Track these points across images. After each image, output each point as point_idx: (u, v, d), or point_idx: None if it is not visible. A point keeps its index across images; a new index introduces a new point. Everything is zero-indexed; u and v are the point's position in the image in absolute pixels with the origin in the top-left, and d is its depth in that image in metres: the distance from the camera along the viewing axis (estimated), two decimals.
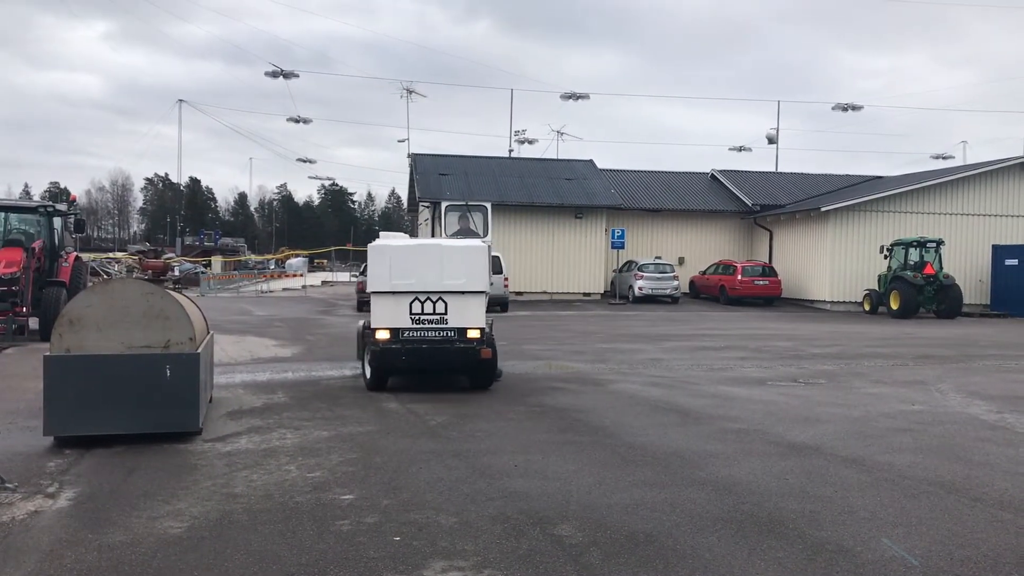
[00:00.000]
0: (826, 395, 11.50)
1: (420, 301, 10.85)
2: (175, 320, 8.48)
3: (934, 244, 29.13)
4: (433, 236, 28.95)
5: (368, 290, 11.10)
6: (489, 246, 11.54)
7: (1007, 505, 6.27)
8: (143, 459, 7.57)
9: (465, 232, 12.47)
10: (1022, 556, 5.18)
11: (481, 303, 11.04)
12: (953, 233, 31.72)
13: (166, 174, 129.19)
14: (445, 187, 34.37)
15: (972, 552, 5.24)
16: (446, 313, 10.87)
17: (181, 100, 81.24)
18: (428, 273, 10.85)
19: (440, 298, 10.85)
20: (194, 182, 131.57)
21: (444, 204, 13.37)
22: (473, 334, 10.95)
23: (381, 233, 12.94)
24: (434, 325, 10.87)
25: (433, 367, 11.32)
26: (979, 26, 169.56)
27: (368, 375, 11.42)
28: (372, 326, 10.98)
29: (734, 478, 7.01)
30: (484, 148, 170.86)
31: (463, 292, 10.90)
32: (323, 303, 34.08)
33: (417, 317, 10.85)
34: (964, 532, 5.63)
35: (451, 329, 10.90)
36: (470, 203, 13.35)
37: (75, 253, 20.63)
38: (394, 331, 10.86)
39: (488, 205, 13.01)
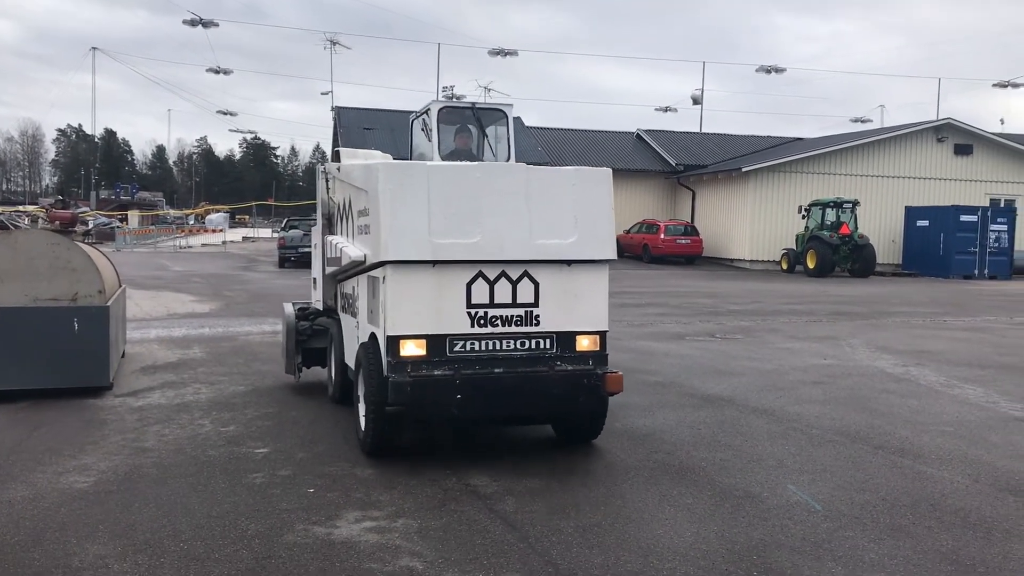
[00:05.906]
0: (741, 350, 11.77)
1: (487, 280, 5.82)
2: (83, 272, 8.21)
3: (850, 205, 29.90)
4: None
5: (377, 257, 5.86)
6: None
7: (906, 452, 6.53)
8: (50, 415, 7.36)
9: (466, 155, 7.73)
10: (917, 499, 5.41)
11: (603, 283, 6.32)
12: (869, 194, 32.57)
13: (79, 125, 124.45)
14: (369, 141, 33.86)
15: (871, 496, 5.45)
16: (536, 304, 5.93)
17: (95, 48, 78.16)
18: (504, 223, 5.87)
19: (525, 273, 5.91)
20: (110, 134, 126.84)
21: (435, 107, 7.67)
22: (586, 343, 6.17)
23: (342, 152, 7.83)
24: (514, 328, 5.89)
25: (513, 414, 6.23)
26: None
27: (365, 425, 6.14)
28: (389, 332, 5.75)
29: (648, 428, 7.15)
30: (413, 103, 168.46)
31: (571, 262, 6.04)
32: (243, 259, 33.43)
33: (481, 312, 5.82)
34: (865, 478, 5.85)
35: (546, 335, 5.98)
36: (478, 105, 8.08)
37: None
38: (436, 341, 5.76)
39: (507, 110, 8.06)
